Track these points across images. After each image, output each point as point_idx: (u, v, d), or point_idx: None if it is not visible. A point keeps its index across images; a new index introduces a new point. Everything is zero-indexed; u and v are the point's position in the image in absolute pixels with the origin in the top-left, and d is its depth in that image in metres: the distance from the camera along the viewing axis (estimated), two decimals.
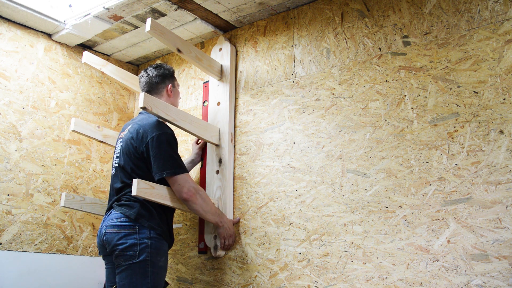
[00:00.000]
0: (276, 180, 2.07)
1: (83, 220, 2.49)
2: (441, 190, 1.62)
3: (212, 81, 2.41)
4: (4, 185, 2.20)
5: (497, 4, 1.66)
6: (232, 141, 2.27)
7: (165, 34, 2.00)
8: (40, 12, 2.36)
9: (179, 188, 1.85)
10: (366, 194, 1.79)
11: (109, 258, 1.90)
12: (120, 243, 1.76)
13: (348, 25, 2.05)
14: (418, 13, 1.86)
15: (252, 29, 2.41)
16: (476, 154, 1.59)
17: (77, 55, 2.66)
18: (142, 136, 1.88)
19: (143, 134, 1.88)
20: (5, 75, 2.32)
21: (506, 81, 1.58)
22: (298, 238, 1.92)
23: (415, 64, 1.81)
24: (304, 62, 2.15)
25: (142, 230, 1.79)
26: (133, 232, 1.78)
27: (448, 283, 1.53)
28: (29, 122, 2.36)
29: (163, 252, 1.84)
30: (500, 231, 1.48)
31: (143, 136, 1.88)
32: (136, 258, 1.74)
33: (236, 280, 2.07)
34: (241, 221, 2.14)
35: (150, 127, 1.90)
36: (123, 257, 1.76)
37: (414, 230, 1.64)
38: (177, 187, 1.85)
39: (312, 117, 2.04)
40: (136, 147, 1.88)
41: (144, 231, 1.79)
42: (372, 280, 1.68)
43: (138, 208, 1.82)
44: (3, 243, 2.15)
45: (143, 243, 1.77)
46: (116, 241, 1.77)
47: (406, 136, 1.75)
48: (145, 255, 1.75)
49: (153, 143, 1.85)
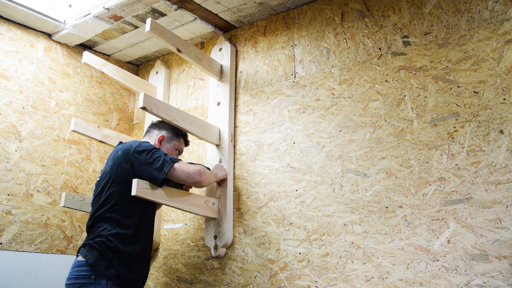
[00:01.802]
0: (276, 180, 2.07)
1: (83, 220, 2.49)
2: (441, 190, 1.62)
3: (212, 81, 2.41)
4: (4, 185, 2.20)
5: (497, 4, 1.66)
6: (232, 141, 2.27)
7: (165, 34, 2.00)
8: (40, 12, 2.36)
9: (185, 174, 1.81)
10: (366, 194, 1.79)
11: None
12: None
13: (348, 25, 2.05)
14: (418, 13, 1.86)
15: (252, 29, 2.41)
16: (476, 154, 1.59)
17: (77, 55, 2.66)
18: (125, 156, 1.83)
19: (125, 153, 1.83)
20: (5, 75, 2.32)
21: (506, 81, 1.58)
22: (298, 238, 1.92)
23: (415, 64, 1.81)
24: (304, 62, 2.15)
25: (99, 280, 1.66)
26: (88, 283, 1.65)
27: (448, 283, 1.53)
28: (29, 122, 2.36)
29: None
30: (500, 231, 1.48)
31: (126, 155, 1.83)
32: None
33: (236, 280, 2.07)
34: (241, 221, 2.14)
35: (127, 146, 1.85)
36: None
37: (414, 230, 1.64)
38: (181, 175, 1.81)
39: (312, 117, 2.04)
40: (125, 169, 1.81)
41: (101, 281, 1.66)
42: (372, 280, 1.68)
43: (99, 252, 1.70)
44: (3, 243, 2.15)
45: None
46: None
47: (406, 136, 1.75)
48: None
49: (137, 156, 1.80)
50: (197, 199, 2.06)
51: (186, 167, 1.83)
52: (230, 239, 2.13)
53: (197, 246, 2.28)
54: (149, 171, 1.78)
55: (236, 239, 2.13)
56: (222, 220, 2.13)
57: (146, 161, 1.79)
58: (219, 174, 2.13)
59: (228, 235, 2.12)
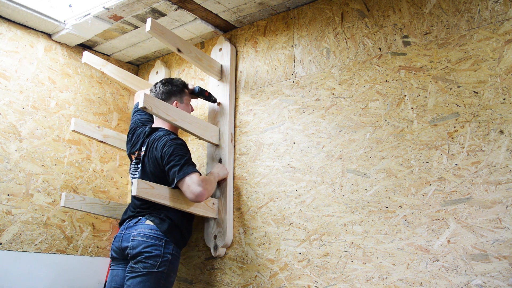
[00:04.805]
0: (276, 180, 2.07)
1: (83, 220, 2.49)
2: (441, 190, 1.62)
3: (212, 81, 2.41)
4: (4, 185, 2.20)
5: (497, 4, 1.66)
6: (232, 141, 2.27)
7: (165, 34, 2.00)
8: (40, 12, 2.36)
9: (188, 190, 1.85)
10: (366, 194, 1.79)
11: (121, 261, 1.97)
12: (146, 251, 1.86)
13: (348, 25, 2.05)
14: (418, 13, 1.86)
15: (252, 29, 2.41)
16: (476, 154, 1.59)
17: (77, 55, 2.66)
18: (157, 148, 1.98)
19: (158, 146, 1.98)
20: (5, 75, 2.32)
21: (506, 81, 1.58)
22: (298, 238, 1.92)
23: (415, 64, 1.81)
24: (304, 62, 2.15)
25: (168, 245, 1.90)
26: (159, 244, 1.88)
27: (448, 283, 1.53)
28: (29, 122, 2.36)
29: (176, 268, 1.96)
30: (500, 231, 1.48)
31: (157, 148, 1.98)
32: (155, 268, 1.84)
33: (236, 280, 2.07)
34: (241, 221, 2.14)
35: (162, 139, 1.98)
36: (144, 264, 1.85)
37: (414, 230, 1.64)
38: (186, 191, 1.86)
39: (312, 117, 2.04)
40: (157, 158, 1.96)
41: (169, 246, 1.91)
42: (372, 280, 1.68)
43: (169, 224, 1.93)
44: (3, 243, 2.15)
45: (165, 256, 1.88)
46: (142, 249, 1.86)
47: (406, 136, 1.75)
48: (163, 268, 1.86)
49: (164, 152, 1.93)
50: None
51: (192, 185, 1.84)
52: (230, 239, 2.13)
53: (197, 246, 2.28)
54: (169, 173, 1.91)
55: (236, 239, 2.13)
56: (222, 220, 2.13)
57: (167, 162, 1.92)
58: (221, 174, 2.15)
59: (228, 235, 2.12)
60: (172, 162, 1.88)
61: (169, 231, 1.92)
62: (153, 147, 1.98)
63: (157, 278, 1.84)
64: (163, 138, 1.96)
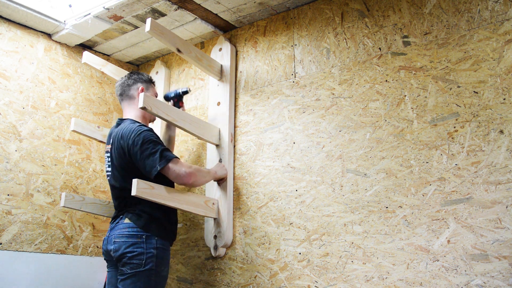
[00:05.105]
0: (276, 180, 2.07)
1: (83, 220, 2.49)
2: (441, 190, 1.62)
3: (212, 81, 2.41)
4: (4, 185, 2.20)
5: (497, 4, 1.66)
6: (232, 141, 2.27)
7: (165, 34, 2.00)
8: (40, 12, 2.36)
9: (175, 175, 1.84)
10: (366, 194, 1.79)
11: (112, 263, 1.95)
12: (127, 251, 1.80)
13: (348, 25, 2.05)
14: (418, 13, 1.86)
15: (252, 29, 2.41)
16: (476, 154, 1.59)
17: (77, 55, 2.66)
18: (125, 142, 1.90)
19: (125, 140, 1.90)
20: (5, 75, 2.32)
21: (506, 81, 1.58)
22: (298, 238, 1.92)
23: (415, 64, 1.81)
24: (304, 62, 2.15)
25: (149, 240, 1.83)
26: (140, 241, 1.82)
27: (448, 283, 1.53)
28: (29, 122, 2.36)
29: (166, 261, 1.89)
30: (500, 231, 1.48)
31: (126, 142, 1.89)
32: (142, 267, 1.79)
33: (236, 280, 2.07)
34: (241, 221, 2.14)
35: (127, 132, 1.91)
36: (129, 265, 1.80)
37: (414, 230, 1.64)
38: (172, 174, 1.84)
39: (312, 117, 2.04)
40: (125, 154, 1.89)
41: (151, 241, 1.84)
42: (372, 280, 1.68)
43: (146, 218, 1.87)
44: (3, 243, 2.15)
45: (150, 252, 1.81)
46: (123, 250, 1.81)
47: (406, 136, 1.75)
48: (151, 265, 1.80)
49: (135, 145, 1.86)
50: (197, 199, 2.06)
51: (178, 168, 1.83)
52: (230, 239, 2.13)
53: (197, 246, 2.28)
54: (145, 162, 1.83)
55: (236, 239, 2.13)
56: (222, 220, 2.13)
57: (142, 153, 1.84)
58: (218, 172, 2.14)
59: (228, 235, 2.12)
60: (147, 151, 1.81)
61: (147, 225, 1.85)
62: (118, 136, 1.92)
63: (146, 276, 1.79)
64: (128, 126, 1.92)
